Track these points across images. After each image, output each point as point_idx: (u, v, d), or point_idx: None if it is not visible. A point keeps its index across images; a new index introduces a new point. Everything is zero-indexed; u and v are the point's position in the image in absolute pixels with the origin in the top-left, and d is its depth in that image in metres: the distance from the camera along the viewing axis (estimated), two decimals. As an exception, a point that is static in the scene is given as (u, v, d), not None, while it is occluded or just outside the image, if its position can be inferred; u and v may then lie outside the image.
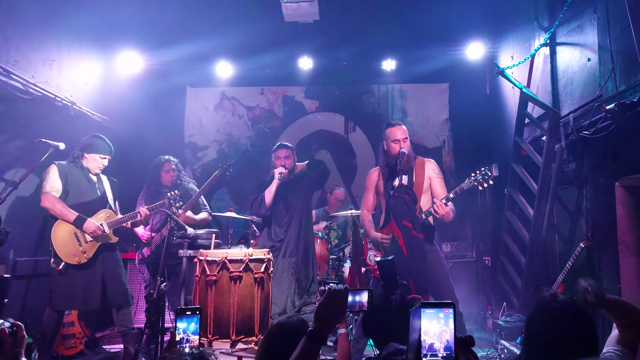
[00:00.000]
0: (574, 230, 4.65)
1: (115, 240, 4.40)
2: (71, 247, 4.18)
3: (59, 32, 5.43)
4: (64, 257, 4.16)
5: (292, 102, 7.59)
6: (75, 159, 4.39)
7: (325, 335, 1.73)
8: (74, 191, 4.30)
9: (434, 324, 1.44)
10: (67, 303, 4.23)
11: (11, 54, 4.62)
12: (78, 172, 4.37)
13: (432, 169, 4.24)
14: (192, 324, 2.02)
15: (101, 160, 4.41)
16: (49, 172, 4.27)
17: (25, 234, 4.95)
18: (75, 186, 4.31)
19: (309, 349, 1.69)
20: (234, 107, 7.59)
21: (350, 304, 1.89)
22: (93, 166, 4.40)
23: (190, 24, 6.41)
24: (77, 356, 4.71)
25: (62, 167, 4.31)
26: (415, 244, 3.82)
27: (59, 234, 4.19)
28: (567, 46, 4.57)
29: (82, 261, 4.20)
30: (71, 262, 4.17)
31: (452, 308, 1.45)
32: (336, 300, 1.79)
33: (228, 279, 4.35)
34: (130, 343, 4.31)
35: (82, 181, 4.36)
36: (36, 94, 4.94)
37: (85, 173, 4.39)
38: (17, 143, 4.69)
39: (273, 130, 7.51)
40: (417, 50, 6.60)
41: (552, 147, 4.65)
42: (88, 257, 4.22)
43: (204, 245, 4.74)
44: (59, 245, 4.17)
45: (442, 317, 1.45)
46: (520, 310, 5.14)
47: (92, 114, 5.99)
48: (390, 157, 4.17)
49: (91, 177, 4.42)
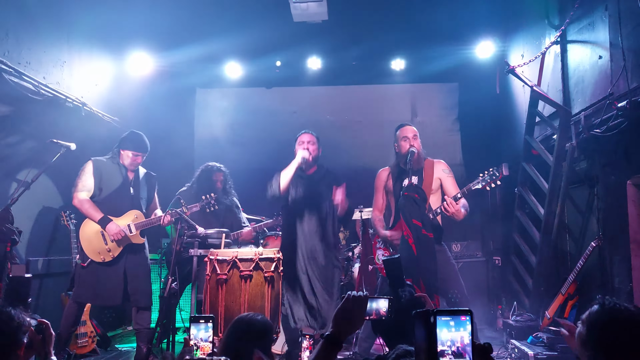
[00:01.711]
0: (585, 229, 4.61)
1: (142, 241, 4.43)
2: (97, 245, 4.25)
3: (70, 33, 5.49)
4: (90, 254, 4.23)
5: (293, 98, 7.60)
6: (113, 156, 4.43)
7: (342, 340, 1.73)
8: (108, 189, 4.35)
9: (450, 332, 1.40)
10: (89, 297, 4.30)
11: (23, 55, 4.67)
12: (115, 169, 4.40)
13: (442, 170, 4.23)
14: (202, 331, 2.05)
15: (135, 157, 4.43)
16: (84, 169, 4.33)
17: (38, 234, 5.00)
18: (109, 184, 4.36)
19: (326, 352, 1.70)
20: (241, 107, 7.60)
21: (368, 311, 1.89)
22: (128, 163, 4.43)
23: (200, 25, 6.43)
24: (89, 355, 4.75)
25: (98, 163, 4.36)
26: (425, 243, 3.80)
27: (87, 232, 4.27)
28: (578, 44, 4.54)
29: (107, 259, 4.26)
30: (96, 259, 4.23)
31: (469, 315, 1.41)
32: (355, 307, 1.80)
33: (238, 277, 4.36)
34: (143, 341, 4.35)
35: (117, 178, 4.40)
36: (47, 95, 4.99)
37: (122, 170, 4.43)
38: (29, 144, 4.74)
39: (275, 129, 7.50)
40: (427, 50, 6.58)
41: (563, 145, 4.62)
42: (113, 256, 4.27)
43: (214, 245, 4.76)
44: (86, 242, 4.25)
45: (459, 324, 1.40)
46: (531, 310, 5.11)
47: (102, 114, 6.04)
48: (401, 156, 4.18)
49: (127, 174, 4.45)
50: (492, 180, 3.88)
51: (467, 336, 1.39)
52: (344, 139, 7.28)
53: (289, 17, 6.07)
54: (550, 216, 4.90)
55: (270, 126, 7.50)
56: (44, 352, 2.03)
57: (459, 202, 3.94)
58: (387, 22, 6.60)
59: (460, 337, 1.39)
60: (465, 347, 1.39)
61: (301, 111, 7.51)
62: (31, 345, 1.96)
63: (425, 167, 4.20)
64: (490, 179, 3.88)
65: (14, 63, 4.49)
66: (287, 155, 4.47)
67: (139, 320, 4.38)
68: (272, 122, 7.51)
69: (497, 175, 3.86)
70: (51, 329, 2.07)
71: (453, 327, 1.40)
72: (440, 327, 1.40)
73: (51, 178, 5.10)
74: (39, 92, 4.86)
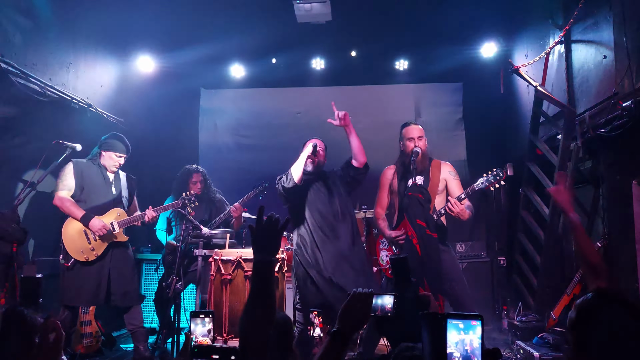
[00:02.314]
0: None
1: (125, 239, 4.45)
2: (80, 244, 4.25)
3: (75, 35, 5.51)
4: (73, 254, 4.24)
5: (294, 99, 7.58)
6: (93, 157, 4.47)
7: (349, 336, 1.75)
8: (89, 188, 4.38)
9: (459, 335, 1.41)
10: (75, 299, 4.28)
11: (29, 57, 4.70)
12: (95, 169, 4.44)
13: (448, 171, 4.23)
14: (199, 326, 2.04)
15: (117, 158, 4.49)
16: (64, 170, 4.36)
17: (44, 234, 5.03)
18: (91, 184, 4.39)
19: (333, 348, 1.72)
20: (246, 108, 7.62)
21: (373, 307, 1.89)
22: (109, 164, 4.48)
23: (204, 26, 6.45)
24: (94, 355, 4.76)
25: (79, 165, 4.39)
26: (430, 243, 3.80)
27: (69, 231, 4.27)
28: (583, 44, 4.53)
29: (90, 258, 4.26)
30: (80, 259, 4.24)
31: (479, 320, 1.42)
32: (360, 304, 1.81)
33: (243, 278, 4.37)
34: (140, 341, 4.36)
35: (98, 179, 4.43)
36: (53, 96, 5.02)
37: (102, 171, 4.47)
38: (35, 144, 4.76)
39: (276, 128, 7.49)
40: (431, 50, 6.58)
41: (568, 145, 4.61)
42: (97, 255, 4.28)
43: (219, 245, 4.78)
44: (69, 242, 4.25)
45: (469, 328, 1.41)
46: (536, 310, 5.10)
47: (108, 115, 6.07)
48: (405, 155, 4.18)
49: (108, 175, 4.50)
50: (495, 180, 3.88)
51: (476, 340, 1.40)
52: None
53: (293, 18, 6.09)
54: (555, 216, 4.89)
55: (274, 126, 7.51)
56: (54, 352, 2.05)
57: (463, 202, 3.94)
58: (391, 22, 6.59)
59: (470, 340, 1.40)
60: (474, 350, 1.40)
61: (305, 112, 7.51)
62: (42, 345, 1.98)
63: (432, 168, 4.20)
64: (494, 179, 3.89)
65: (20, 65, 4.52)
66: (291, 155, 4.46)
67: (130, 320, 4.40)
68: (276, 122, 7.52)
69: (501, 176, 3.86)
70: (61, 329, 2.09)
71: (462, 330, 1.41)
72: (449, 329, 1.41)
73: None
74: (45, 93, 4.88)
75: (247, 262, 4.40)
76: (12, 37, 4.47)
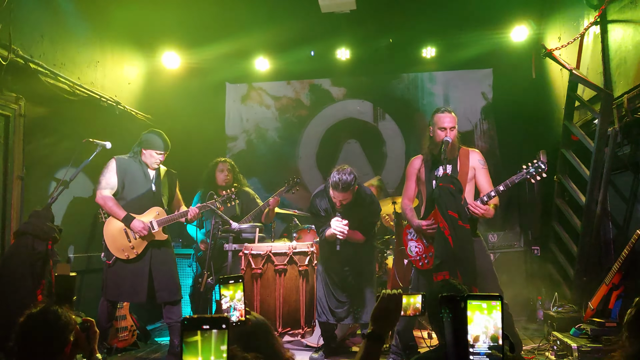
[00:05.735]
0: (629, 217, 4.44)
1: (165, 237, 4.48)
2: (121, 242, 4.32)
3: (102, 34, 5.58)
4: (114, 252, 4.31)
5: (319, 90, 7.56)
6: (134, 154, 4.51)
7: (384, 336, 1.81)
8: (130, 186, 4.43)
9: (478, 317, 1.42)
10: (115, 294, 4.39)
11: (57, 57, 4.77)
12: (136, 166, 4.48)
13: (478, 160, 4.10)
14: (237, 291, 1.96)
15: (157, 156, 4.50)
16: (107, 166, 4.42)
17: (78, 231, 5.13)
18: (132, 181, 4.44)
19: (371, 349, 1.78)
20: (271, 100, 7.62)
21: (404, 307, 1.91)
22: (150, 162, 4.51)
23: (228, 20, 6.43)
24: (130, 348, 4.86)
25: (121, 161, 4.44)
26: (462, 234, 3.71)
27: (110, 230, 4.34)
28: (620, 23, 4.33)
29: (131, 256, 4.32)
30: (120, 256, 4.31)
31: (499, 300, 1.42)
32: (391, 305, 1.86)
33: (273, 272, 4.38)
34: (176, 335, 4.41)
35: (139, 176, 4.47)
36: (82, 95, 5.09)
37: (144, 168, 4.51)
38: (66, 143, 4.84)
39: (300, 120, 7.53)
40: (458, 36, 6.42)
41: (605, 130, 4.44)
42: (137, 253, 4.33)
43: (249, 239, 4.79)
44: (110, 240, 4.33)
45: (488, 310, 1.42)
46: (572, 301, 4.96)
47: (136, 112, 6.14)
48: (435, 144, 4.06)
49: (149, 172, 4.53)
50: (537, 172, 3.72)
51: (498, 320, 1.41)
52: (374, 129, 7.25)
53: (317, 8, 6.01)
54: (592, 203, 4.73)
55: (300, 118, 7.50)
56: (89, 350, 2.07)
57: (491, 201, 3.82)
58: (417, 8, 6.45)
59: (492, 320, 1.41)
60: (497, 330, 1.41)
61: (331, 103, 7.48)
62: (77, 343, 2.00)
63: (460, 156, 4.08)
64: (535, 171, 3.73)
65: (49, 65, 4.59)
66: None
67: (169, 315, 4.45)
68: (302, 114, 7.50)
69: (542, 168, 3.70)
70: (95, 327, 2.10)
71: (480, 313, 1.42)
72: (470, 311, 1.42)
73: (89, 176, 5.21)
74: (74, 92, 4.96)
75: (276, 256, 4.40)
76: (41, 37, 4.54)
